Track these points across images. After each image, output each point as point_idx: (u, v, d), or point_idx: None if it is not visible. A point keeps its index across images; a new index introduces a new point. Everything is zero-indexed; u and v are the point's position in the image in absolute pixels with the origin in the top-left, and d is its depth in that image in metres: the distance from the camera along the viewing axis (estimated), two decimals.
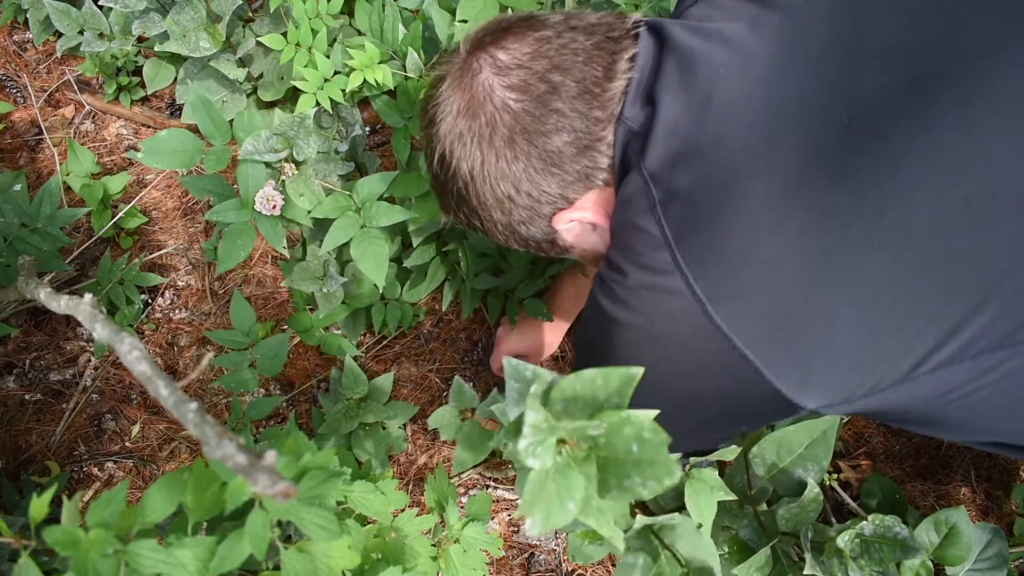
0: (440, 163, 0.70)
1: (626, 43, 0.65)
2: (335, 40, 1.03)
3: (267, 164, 0.84)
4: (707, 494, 0.71)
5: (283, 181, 0.85)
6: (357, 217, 0.88)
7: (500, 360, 1.21)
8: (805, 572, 0.73)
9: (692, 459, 0.76)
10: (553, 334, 1.19)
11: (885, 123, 0.53)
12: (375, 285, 1.12)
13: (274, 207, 0.83)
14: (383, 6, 0.97)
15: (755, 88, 0.58)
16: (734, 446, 0.76)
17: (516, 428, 0.46)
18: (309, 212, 0.87)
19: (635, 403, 0.65)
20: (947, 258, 0.52)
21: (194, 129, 1.33)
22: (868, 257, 0.52)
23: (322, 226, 0.95)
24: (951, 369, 0.53)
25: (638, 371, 0.39)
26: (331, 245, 0.88)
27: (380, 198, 0.89)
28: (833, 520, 1.00)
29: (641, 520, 0.70)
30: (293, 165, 0.85)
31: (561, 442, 0.39)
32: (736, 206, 0.55)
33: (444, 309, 1.22)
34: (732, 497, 0.73)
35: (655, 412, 0.38)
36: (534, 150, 0.65)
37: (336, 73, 0.95)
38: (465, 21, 0.96)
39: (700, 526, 0.71)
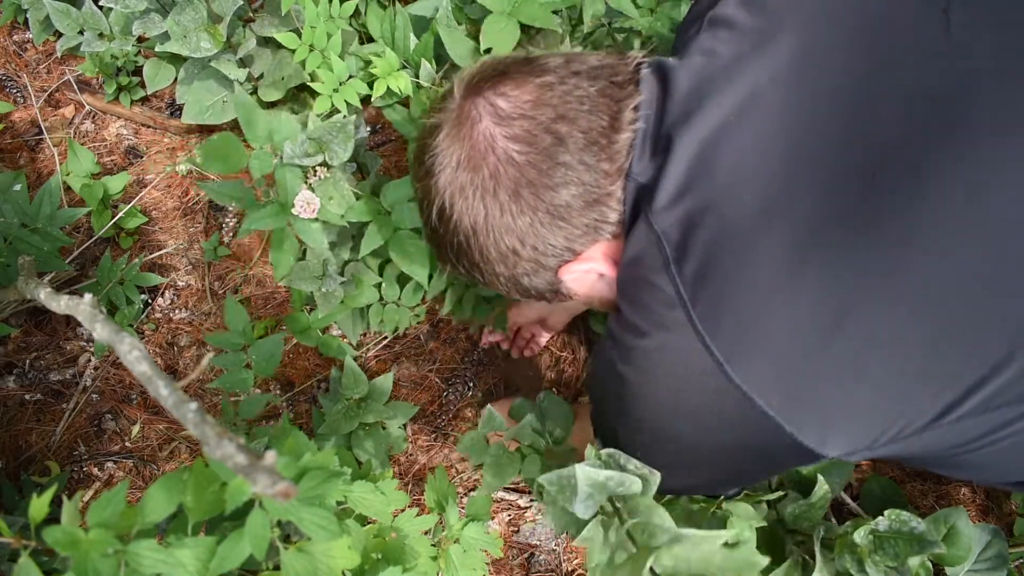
0: (439, 216, 0.67)
1: (630, 89, 0.63)
2: (346, 47, 1.03)
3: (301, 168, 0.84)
4: (748, 529, 0.72)
5: (311, 185, 0.85)
6: (390, 219, 0.88)
7: (517, 318, 1.20)
8: (815, 574, 0.73)
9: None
10: (564, 313, 1.18)
11: (908, 176, 0.52)
12: (374, 286, 1.12)
13: (313, 210, 0.83)
14: (394, 14, 0.97)
15: (767, 136, 0.56)
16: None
17: (610, 563, 0.45)
18: (343, 215, 0.87)
19: (654, 461, 0.64)
20: (972, 315, 0.51)
21: (195, 130, 1.34)
22: (891, 314, 0.51)
23: (333, 227, 0.95)
24: (975, 419, 0.53)
25: (761, 560, 0.38)
26: (369, 248, 0.88)
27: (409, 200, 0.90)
28: (833, 520, 1.00)
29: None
30: (325, 169, 0.85)
31: None
32: (752, 264, 0.54)
33: (446, 314, 1.22)
34: (763, 524, 0.74)
35: None
36: (541, 204, 0.62)
37: (350, 77, 0.95)
38: (490, 50, 0.94)
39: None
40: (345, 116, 0.86)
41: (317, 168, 0.84)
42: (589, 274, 0.69)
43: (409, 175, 0.92)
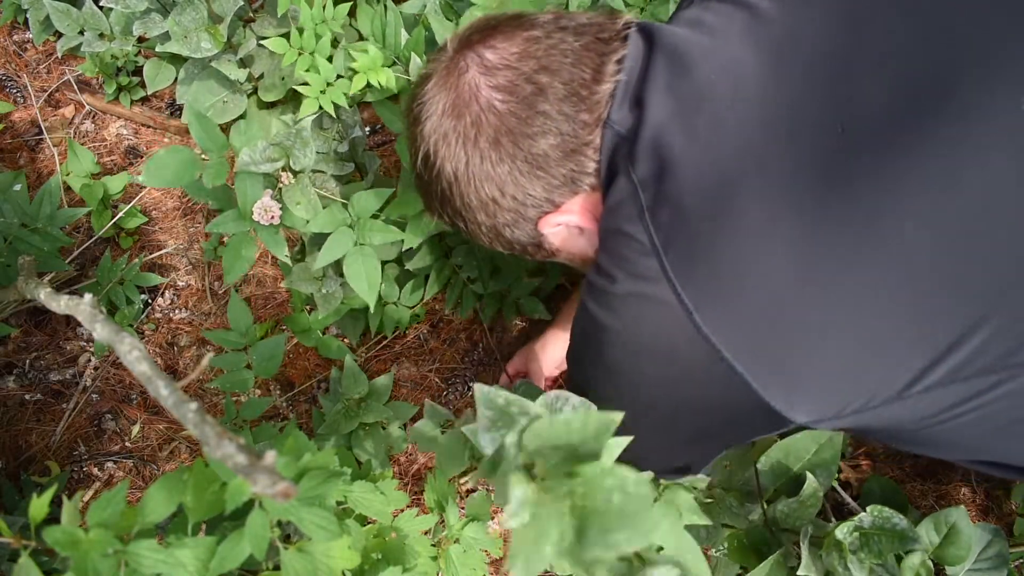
0: (424, 163, 0.69)
1: (615, 45, 0.64)
2: (337, 43, 1.03)
3: (265, 174, 0.84)
4: (675, 520, 0.70)
5: (279, 191, 0.85)
6: (352, 233, 0.88)
7: (542, 375, 1.17)
8: (799, 573, 0.73)
9: (664, 480, 0.75)
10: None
11: (880, 134, 0.52)
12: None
13: (272, 218, 0.83)
14: (385, 10, 0.97)
15: (747, 94, 0.57)
16: (701, 475, 0.74)
17: (493, 465, 0.45)
18: (307, 222, 0.87)
19: (623, 408, 0.64)
20: (942, 276, 0.51)
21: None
22: (861, 272, 0.51)
23: (319, 234, 0.95)
24: (943, 390, 0.53)
25: (616, 416, 0.37)
26: (325, 261, 0.87)
27: (376, 212, 0.89)
28: (833, 520, 1.00)
29: None
30: (290, 174, 0.85)
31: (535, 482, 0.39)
32: (726, 216, 0.54)
33: (448, 312, 1.23)
34: (706, 522, 0.72)
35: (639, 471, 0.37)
36: (519, 152, 0.63)
37: (339, 77, 0.95)
38: None
39: (660, 548, 0.69)
40: (300, 121, 0.85)
41: (282, 174, 0.84)
42: (569, 228, 0.69)
43: (392, 182, 0.92)
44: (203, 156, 0.81)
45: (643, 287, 0.57)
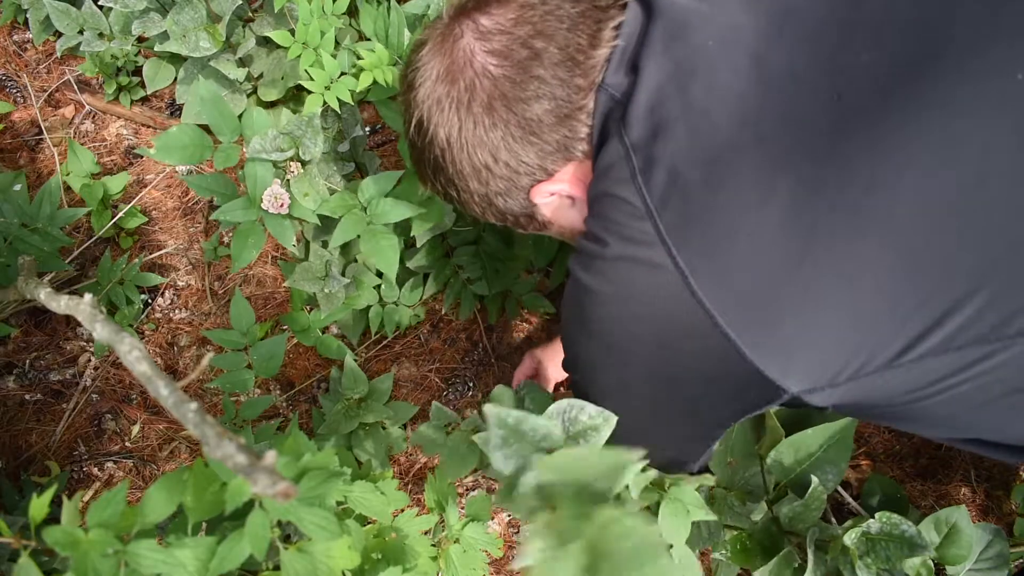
0: (417, 129, 0.68)
1: (613, 12, 0.64)
2: (339, 44, 1.03)
3: (273, 163, 0.84)
4: (683, 516, 0.70)
5: (288, 180, 0.85)
6: (363, 214, 0.88)
7: (545, 380, 1.15)
8: (806, 575, 0.73)
9: (671, 476, 0.74)
10: None
11: (876, 101, 0.52)
12: (374, 288, 1.12)
13: (282, 205, 0.83)
14: (388, 11, 0.97)
15: (744, 60, 0.57)
16: (708, 475, 0.74)
17: (509, 491, 0.45)
18: (315, 210, 0.87)
19: (610, 396, 0.63)
20: (937, 243, 0.51)
21: None
22: (856, 238, 0.51)
23: (327, 225, 0.94)
24: (936, 359, 0.53)
25: (633, 456, 0.38)
26: (339, 241, 0.87)
27: (385, 196, 0.89)
28: (833, 520, 1.00)
29: None
30: (299, 164, 0.85)
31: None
32: (722, 180, 0.54)
33: (445, 311, 1.22)
34: (711, 517, 0.72)
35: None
36: (513, 117, 0.63)
37: (342, 74, 0.95)
38: None
39: (671, 546, 0.69)
40: (313, 112, 0.86)
41: (291, 164, 0.84)
42: (561, 198, 0.69)
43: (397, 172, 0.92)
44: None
45: (636, 251, 0.57)
